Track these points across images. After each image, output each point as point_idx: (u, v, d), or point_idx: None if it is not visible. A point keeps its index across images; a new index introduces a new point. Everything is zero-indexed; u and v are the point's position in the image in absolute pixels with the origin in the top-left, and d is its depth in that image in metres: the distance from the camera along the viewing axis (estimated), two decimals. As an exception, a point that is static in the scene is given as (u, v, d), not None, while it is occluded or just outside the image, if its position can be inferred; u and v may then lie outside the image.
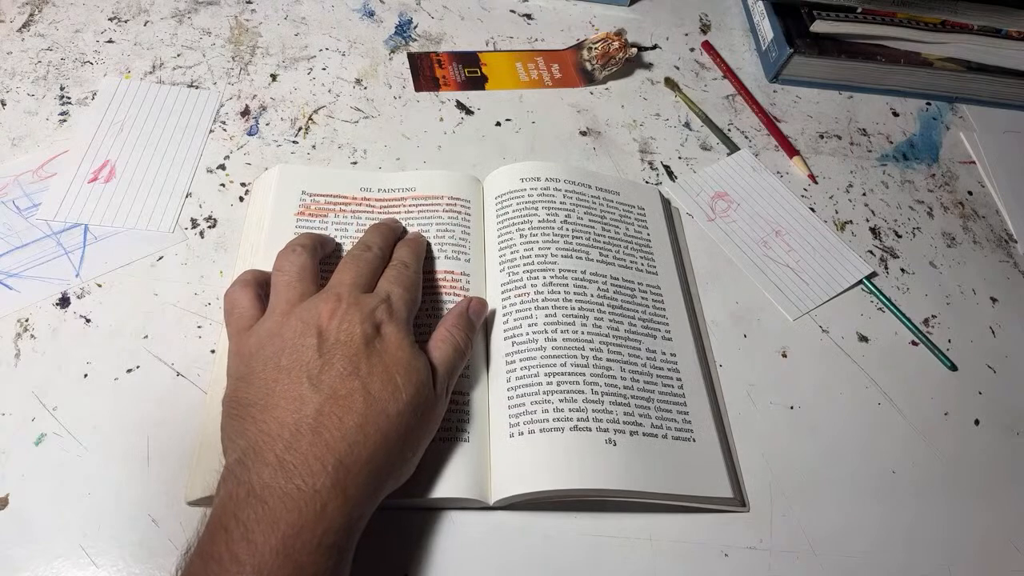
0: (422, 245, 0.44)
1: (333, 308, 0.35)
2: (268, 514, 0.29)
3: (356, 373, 0.33)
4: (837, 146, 0.62)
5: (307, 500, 0.29)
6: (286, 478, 0.30)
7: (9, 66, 0.53)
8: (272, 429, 0.31)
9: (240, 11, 0.60)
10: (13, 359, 0.40)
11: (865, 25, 0.64)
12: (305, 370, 0.33)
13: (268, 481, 0.30)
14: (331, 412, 0.32)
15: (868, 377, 0.48)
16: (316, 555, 0.29)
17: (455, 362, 0.38)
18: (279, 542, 0.28)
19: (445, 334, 0.38)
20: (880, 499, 0.43)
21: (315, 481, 0.30)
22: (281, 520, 0.28)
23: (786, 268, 0.52)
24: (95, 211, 0.46)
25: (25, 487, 0.36)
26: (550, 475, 0.37)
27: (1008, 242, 0.58)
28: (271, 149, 0.52)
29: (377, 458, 0.32)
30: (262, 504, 0.29)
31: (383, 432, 0.32)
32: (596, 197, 0.50)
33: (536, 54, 0.63)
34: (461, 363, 0.39)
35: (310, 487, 0.29)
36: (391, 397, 0.33)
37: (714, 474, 0.40)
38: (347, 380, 0.33)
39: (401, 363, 0.34)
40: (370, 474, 0.32)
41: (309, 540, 0.29)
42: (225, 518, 0.29)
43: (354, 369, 0.33)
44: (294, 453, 0.30)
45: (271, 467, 0.30)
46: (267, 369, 0.34)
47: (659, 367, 0.43)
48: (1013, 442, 0.47)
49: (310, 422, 0.31)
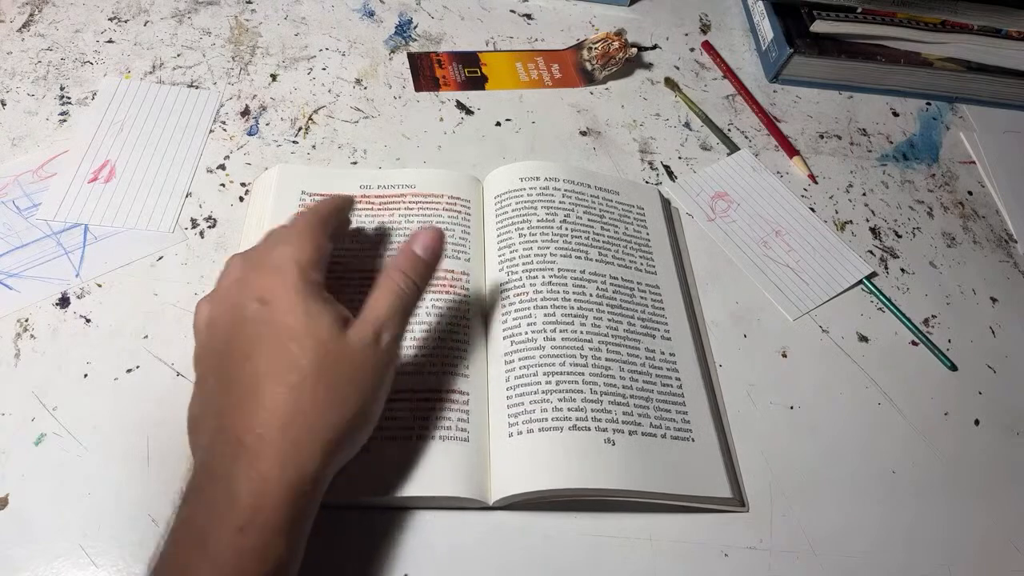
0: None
1: (226, 290, 0.34)
2: (209, 500, 0.29)
3: (241, 354, 0.32)
4: (837, 146, 0.62)
5: (243, 481, 0.29)
6: (226, 465, 0.29)
7: (9, 66, 0.53)
8: (208, 426, 0.31)
9: (240, 11, 0.60)
10: (13, 359, 0.40)
11: (865, 25, 0.64)
12: (206, 366, 0.33)
13: (212, 467, 0.30)
14: (222, 400, 0.31)
15: (868, 377, 0.48)
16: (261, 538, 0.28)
17: (395, 307, 0.34)
18: (226, 526, 0.28)
19: (387, 278, 0.35)
20: (880, 499, 0.43)
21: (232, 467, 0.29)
22: (221, 503, 0.28)
23: (786, 268, 0.52)
24: (95, 211, 0.46)
25: (25, 487, 0.36)
26: (549, 475, 0.37)
27: (1008, 242, 0.58)
28: (271, 149, 0.52)
29: (292, 433, 0.30)
30: (202, 493, 0.29)
31: (296, 403, 0.30)
32: (595, 197, 0.50)
33: (536, 54, 0.63)
34: (404, 306, 0.35)
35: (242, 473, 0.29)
36: (293, 366, 0.31)
37: (713, 474, 0.40)
38: (230, 366, 0.32)
39: (293, 330, 0.32)
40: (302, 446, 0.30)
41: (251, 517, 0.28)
42: (176, 522, 0.29)
43: (248, 350, 0.32)
44: (227, 444, 0.30)
45: (214, 455, 0.30)
46: (201, 372, 0.34)
47: (658, 367, 0.43)
48: (1013, 442, 0.47)
49: (235, 408, 0.31)
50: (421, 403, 0.39)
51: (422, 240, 0.37)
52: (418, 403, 0.39)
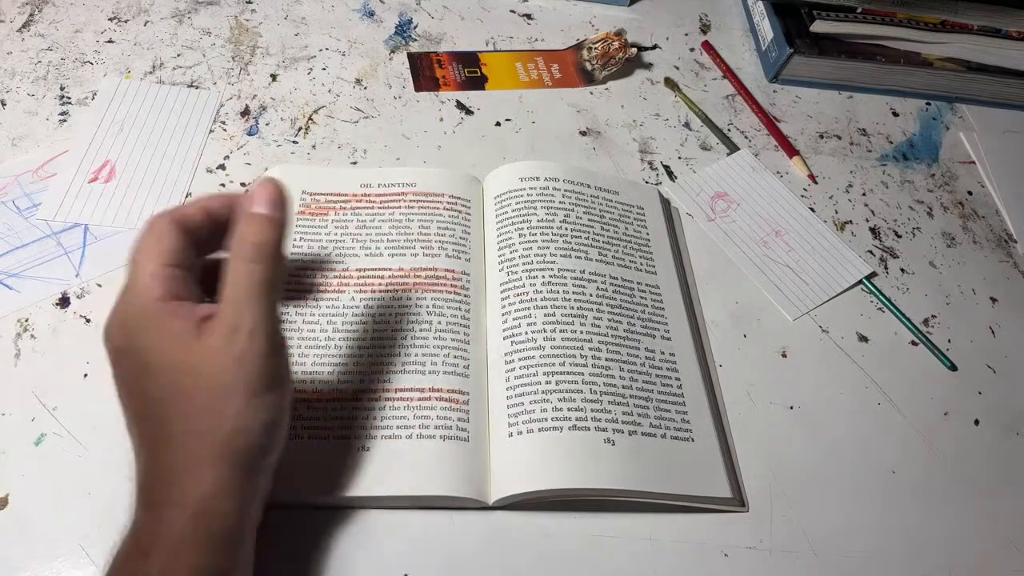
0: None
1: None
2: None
3: (126, 395, 0.31)
4: (837, 146, 0.62)
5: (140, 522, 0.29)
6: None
7: (9, 66, 0.53)
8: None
9: (240, 11, 0.60)
10: (13, 359, 0.40)
11: (865, 25, 0.64)
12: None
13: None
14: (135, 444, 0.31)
15: (868, 377, 0.48)
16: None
17: (251, 288, 0.30)
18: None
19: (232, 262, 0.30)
20: (880, 499, 0.43)
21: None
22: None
23: (786, 268, 0.52)
24: (95, 211, 0.46)
25: (25, 487, 0.36)
26: (549, 475, 0.37)
27: (1008, 242, 0.58)
28: (271, 149, 0.52)
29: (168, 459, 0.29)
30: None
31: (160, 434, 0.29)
32: (595, 197, 0.50)
33: (536, 54, 0.63)
34: (267, 279, 0.30)
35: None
36: (150, 404, 0.29)
37: (713, 474, 0.40)
38: (127, 409, 0.31)
39: (147, 353, 0.29)
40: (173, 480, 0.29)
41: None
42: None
43: (121, 393, 0.31)
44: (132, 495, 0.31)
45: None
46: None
47: (658, 367, 0.43)
48: (1013, 442, 0.47)
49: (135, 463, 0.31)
50: (421, 403, 0.39)
51: (259, 196, 0.31)
52: (418, 403, 0.39)
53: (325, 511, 0.37)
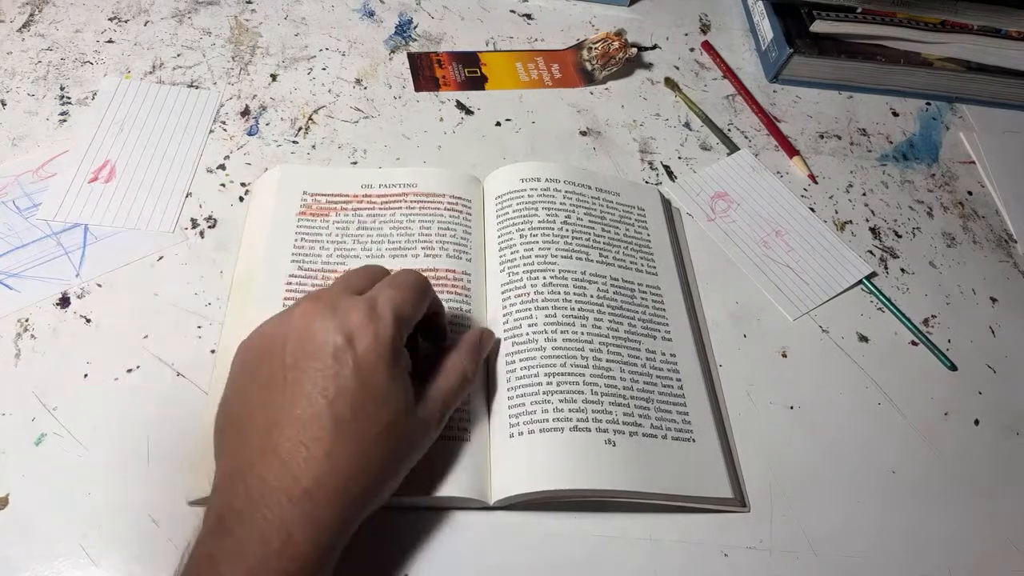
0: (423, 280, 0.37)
1: (306, 309, 0.32)
2: (235, 546, 0.28)
3: (323, 393, 0.30)
4: (837, 146, 0.62)
5: (273, 531, 0.28)
6: (253, 507, 0.28)
7: (9, 66, 0.53)
8: (244, 454, 0.30)
9: (240, 11, 0.60)
10: (13, 359, 0.40)
11: (865, 25, 0.64)
12: (275, 385, 0.31)
13: (239, 508, 0.29)
14: (298, 439, 0.29)
15: (868, 377, 0.48)
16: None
17: (459, 392, 0.36)
18: (245, 574, 0.27)
19: (457, 362, 0.36)
20: (880, 499, 0.43)
21: (281, 512, 0.28)
22: (247, 552, 0.28)
23: (786, 268, 0.52)
24: (95, 211, 0.46)
25: (25, 487, 0.36)
26: (550, 475, 0.37)
27: (1008, 242, 0.58)
28: (271, 149, 0.52)
29: (349, 488, 0.30)
30: (229, 535, 0.28)
31: (354, 461, 0.30)
32: (596, 198, 0.50)
33: (536, 54, 0.63)
34: (464, 393, 0.37)
35: (276, 518, 0.28)
36: (361, 426, 0.30)
37: (714, 474, 0.40)
38: (312, 401, 0.30)
39: (373, 389, 0.31)
40: (342, 504, 0.30)
41: (276, 570, 0.28)
42: (199, 552, 0.29)
43: (321, 389, 0.30)
44: (261, 481, 0.29)
45: (241, 496, 0.29)
46: (245, 379, 0.32)
47: (659, 367, 0.43)
48: (1013, 442, 0.47)
49: (277, 449, 0.29)
50: (421, 403, 0.39)
51: (486, 337, 0.39)
52: (418, 403, 0.39)
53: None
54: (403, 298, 0.33)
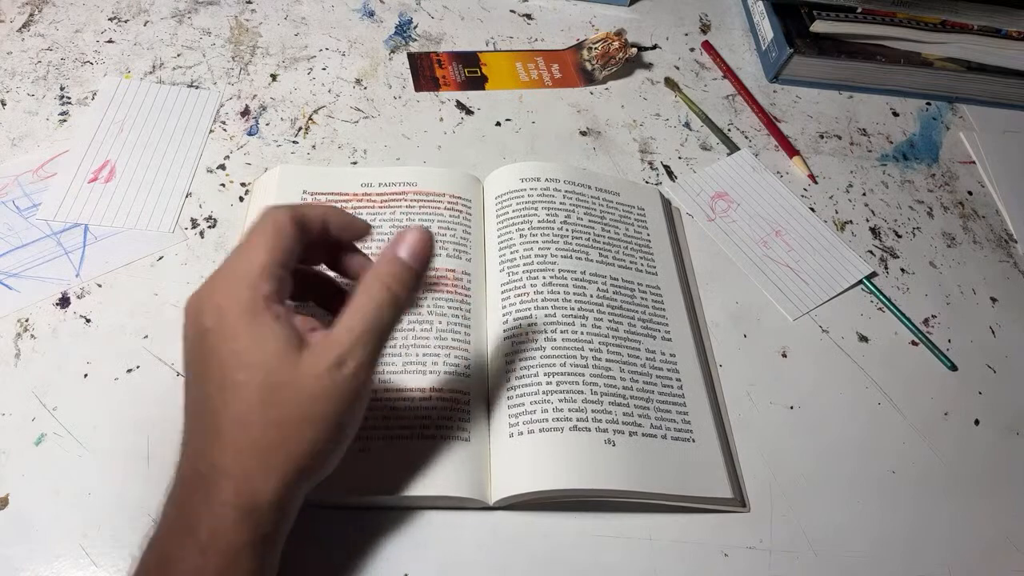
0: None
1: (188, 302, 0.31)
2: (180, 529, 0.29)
3: (199, 375, 0.29)
4: (837, 146, 0.62)
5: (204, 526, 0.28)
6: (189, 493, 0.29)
7: (9, 66, 0.53)
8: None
9: (240, 11, 0.60)
10: (13, 359, 0.40)
11: (865, 25, 0.64)
12: (186, 371, 0.31)
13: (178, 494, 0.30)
14: (190, 424, 0.30)
15: (868, 377, 0.48)
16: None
17: (380, 315, 0.30)
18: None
19: (372, 281, 0.30)
20: (880, 499, 0.43)
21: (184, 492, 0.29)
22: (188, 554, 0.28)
23: (786, 268, 0.52)
24: (95, 211, 0.46)
25: (25, 487, 0.36)
26: (550, 475, 0.37)
27: (1008, 242, 0.58)
28: (271, 149, 0.52)
29: (244, 463, 0.28)
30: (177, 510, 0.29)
31: (241, 438, 0.28)
32: (596, 198, 0.50)
33: (536, 54, 0.63)
34: (397, 313, 0.30)
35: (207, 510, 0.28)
36: (234, 399, 0.28)
37: (714, 474, 0.40)
38: (193, 385, 0.30)
39: (238, 356, 0.28)
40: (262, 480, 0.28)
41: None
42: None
43: (194, 370, 0.30)
44: (180, 481, 0.30)
45: (184, 480, 0.30)
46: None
47: (658, 367, 0.43)
48: (1013, 442, 0.47)
49: (185, 442, 0.30)
50: (421, 403, 0.39)
51: (409, 242, 0.31)
52: (418, 403, 0.39)
53: (325, 511, 0.37)
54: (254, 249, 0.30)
